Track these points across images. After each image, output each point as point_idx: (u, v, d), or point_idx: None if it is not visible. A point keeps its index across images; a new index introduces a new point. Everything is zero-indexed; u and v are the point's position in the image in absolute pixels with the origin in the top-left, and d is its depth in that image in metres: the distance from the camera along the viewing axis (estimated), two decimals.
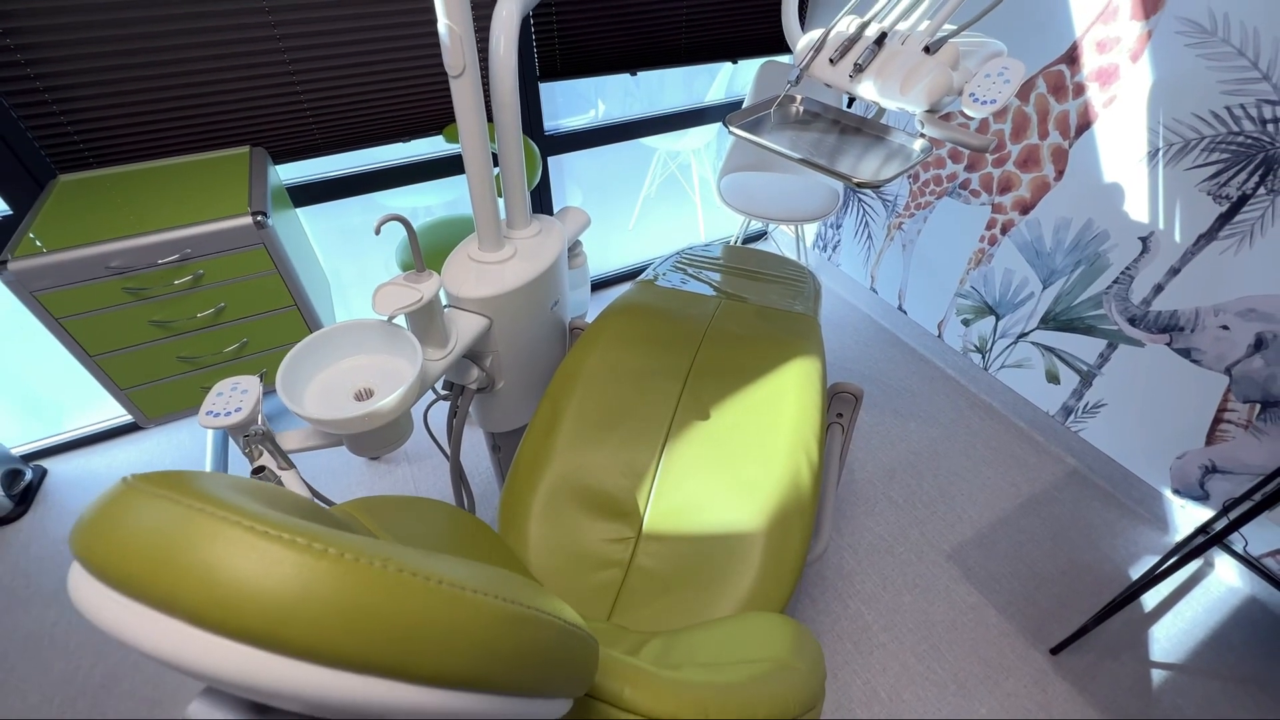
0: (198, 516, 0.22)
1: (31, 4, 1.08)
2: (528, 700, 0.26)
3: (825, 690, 0.50)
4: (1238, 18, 1.07)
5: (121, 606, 0.22)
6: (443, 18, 0.76)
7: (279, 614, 0.21)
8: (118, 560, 0.22)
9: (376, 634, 0.22)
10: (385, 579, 0.22)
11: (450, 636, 0.23)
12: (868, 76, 0.92)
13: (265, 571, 0.21)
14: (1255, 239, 1.15)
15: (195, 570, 0.21)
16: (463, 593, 0.24)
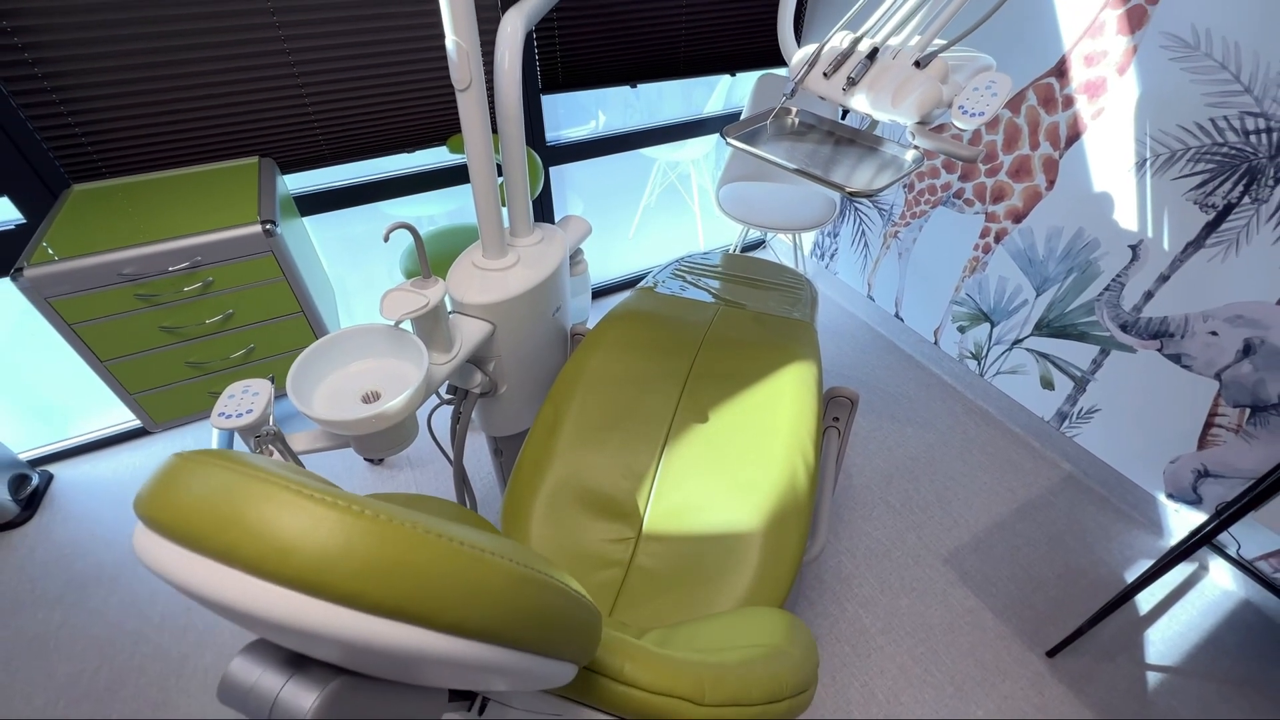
0: (251, 481, 0.25)
1: (49, 19, 1.12)
2: (536, 659, 0.28)
3: (818, 677, 0.51)
4: (1219, 33, 1.11)
5: (186, 559, 0.24)
6: (450, 34, 0.79)
7: (323, 565, 0.23)
8: (182, 519, 0.24)
9: (407, 585, 0.24)
10: (415, 538, 0.25)
11: (471, 592, 0.26)
12: (860, 90, 0.95)
13: (311, 528, 0.23)
14: (1241, 247, 1.18)
15: (251, 526, 0.23)
16: (483, 554, 0.27)
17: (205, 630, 1.31)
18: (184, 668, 1.25)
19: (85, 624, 1.32)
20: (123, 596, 1.37)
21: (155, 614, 1.34)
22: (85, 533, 1.50)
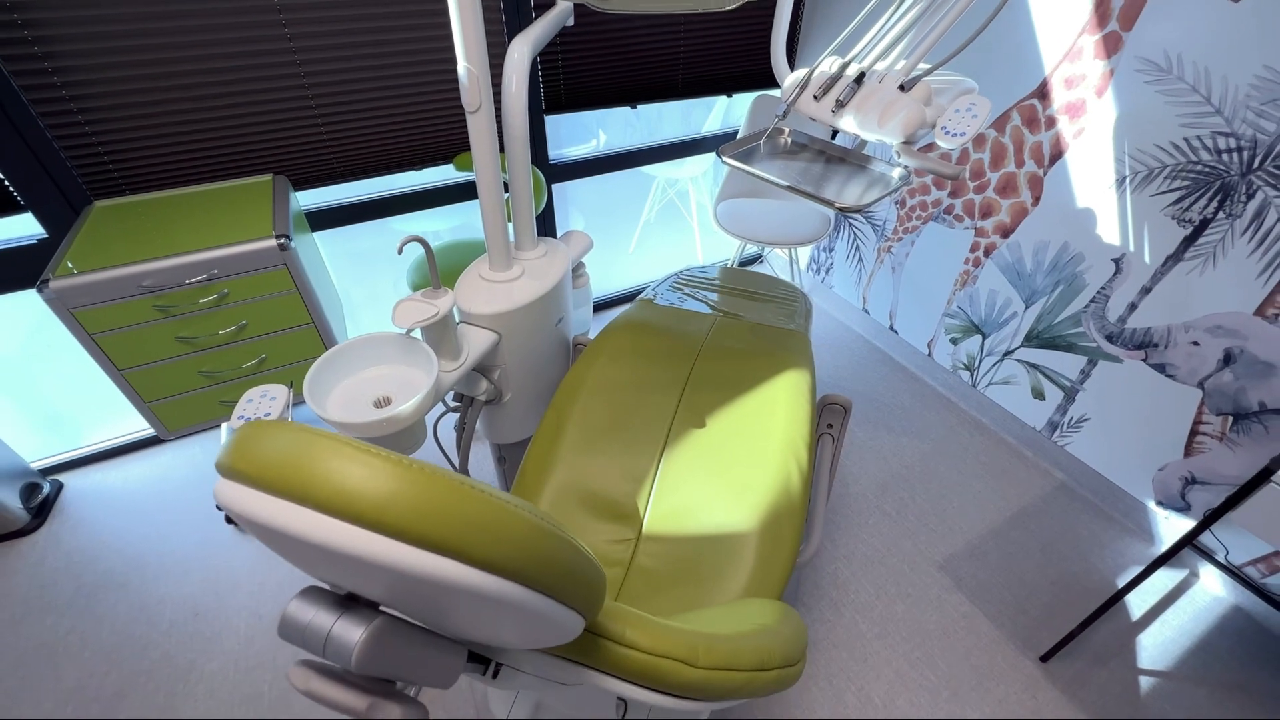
0: (317, 439, 0.29)
1: (77, 44, 1.18)
2: (549, 601, 0.32)
3: (806, 656, 0.54)
4: (1190, 58, 1.17)
5: (266, 501, 0.29)
6: (462, 61, 0.84)
7: (380, 506, 0.27)
8: (264, 470, 0.29)
9: (446, 526, 0.28)
10: (453, 489, 0.29)
11: (497, 536, 0.30)
12: (849, 111, 1.01)
13: (370, 476, 0.28)
14: (1218, 260, 1.23)
15: (321, 475, 0.28)
16: (507, 505, 0.31)
17: (212, 637, 1.33)
18: (191, 674, 1.26)
19: (93, 630, 1.34)
20: (131, 604, 1.39)
21: (163, 621, 1.36)
22: (95, 541, 1.52)
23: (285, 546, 0.31)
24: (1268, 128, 1.10)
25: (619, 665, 0.42)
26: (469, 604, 0.31)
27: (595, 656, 0.42)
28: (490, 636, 0.38)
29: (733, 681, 0.44)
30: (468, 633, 0.36)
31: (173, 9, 1.21)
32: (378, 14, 1.38)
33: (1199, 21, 1.14)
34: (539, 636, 0.36)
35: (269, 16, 1.29)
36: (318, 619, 0.33)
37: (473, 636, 0.38)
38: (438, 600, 0.31)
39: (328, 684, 0.33)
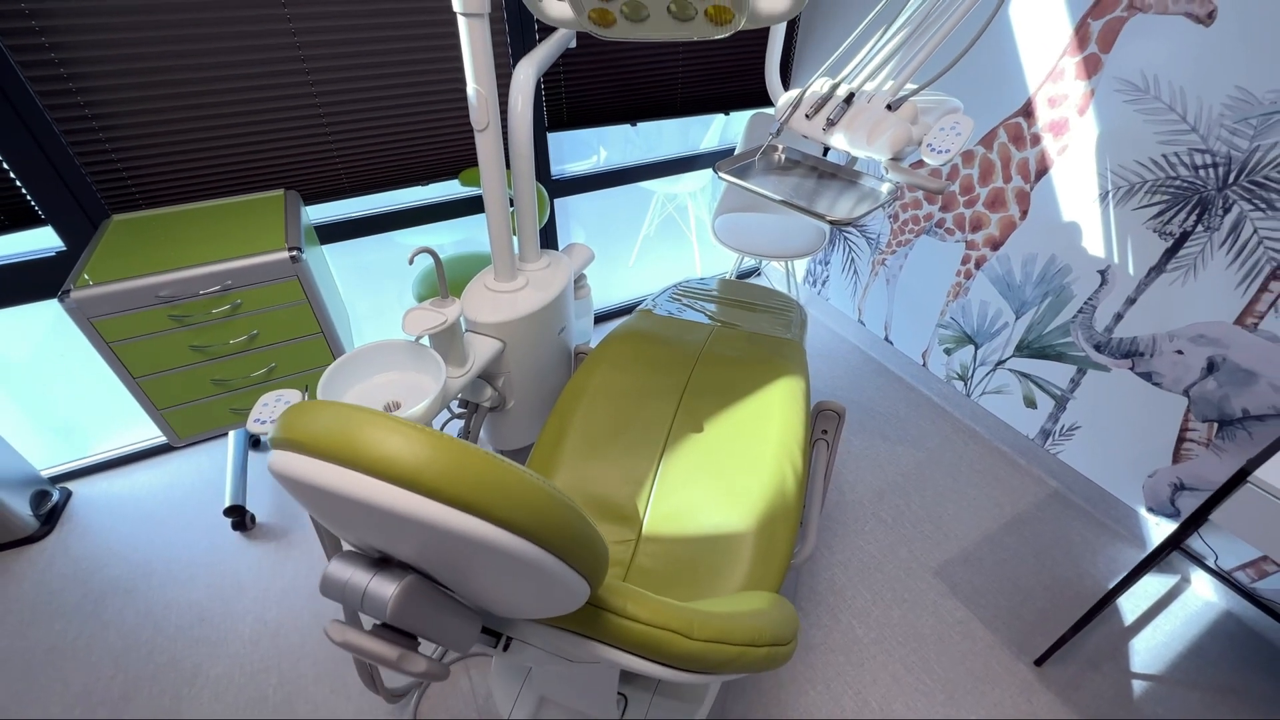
0: (360, 413, 0.33)
1: (102, 66, 1.23)
2: (558, 561, 0.36)
3: (798, 641, 0.57)
4: (1165, 79, 1.22)
5: (320, 466, 0.32)
6: (472, 83, 0.89)
7: (417, 469, 0.31)
8: (315, 440, 0.32)
9: (472, 487, 0.32)
10: (480, 457, 0.33)
11: (516, 499, 0.33)
12: (839, 129, 1.05)
13: (408, 445, 0.31)
14: (1199, 271, 1.27)
15: (366, 443, 0.31)
16: (525, 475, 0.34)
17: (217, 642, 1.35)
18: (196, 677, 1.28)
19: (100, 635, 1.36)
20: (138, 609, 1.41)
21: (169, 625, 1.38)
22: (102, 548, 1.55)
23: (332, 506, 0.34)
24: (1241, 145, 1.15)
25: (620, 636, 0.45)
26: (489, 561, 0.35)
27: (598, 628, 0.45)
28: (505, 599, 0.41)
29: (726, 654, 0.47)
30: (485, 594, 0.39)
31: (192, 32, 1.27)
32: (388, 36, 1.44)
33: (1173, 44, 1.19)
34: (549, 600, 0.39)
35: (284, 39, 1.35)
36: (356, 577, 0.36)
37: (489, 599, 0.41)
38: (461, 557, 0.35)
39: (363, 637, 0.37)
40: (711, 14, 0.68)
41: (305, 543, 1.56)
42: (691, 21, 0.70)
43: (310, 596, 1.44)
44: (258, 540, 1.57)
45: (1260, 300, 1.19)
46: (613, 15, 0.74)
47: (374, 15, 1.40)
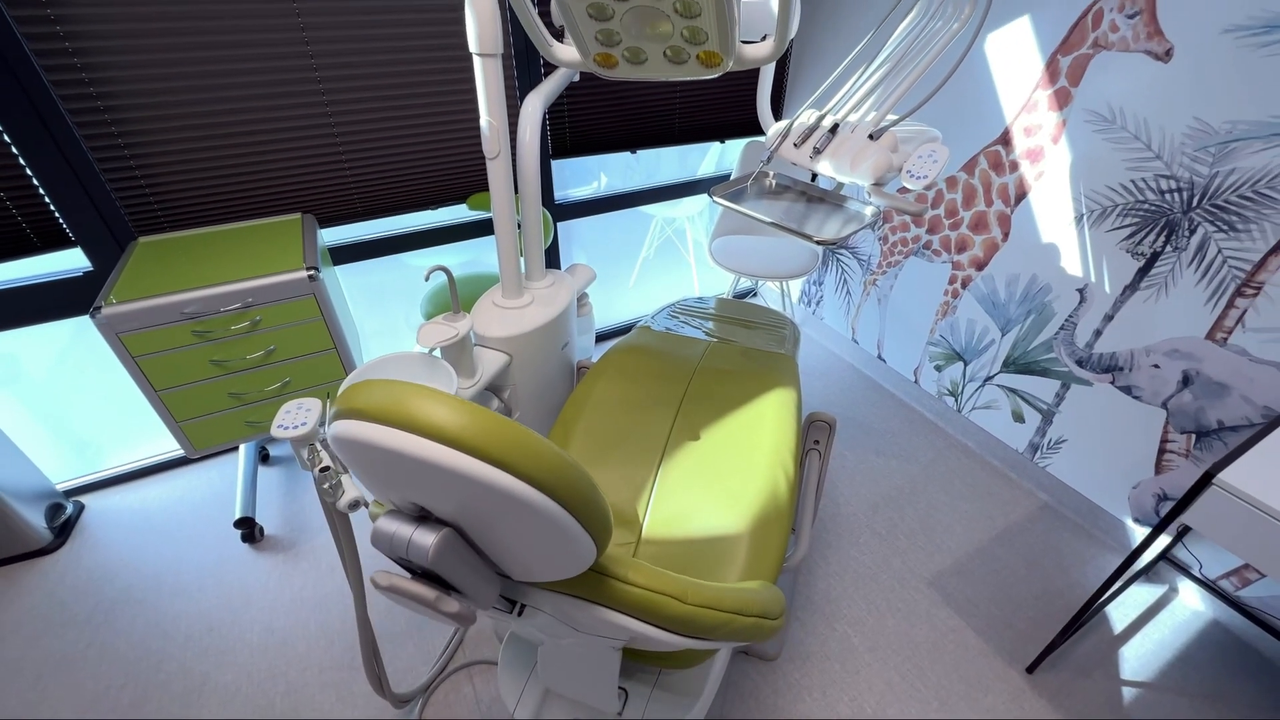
0: (410, 388, 0.39)
1: (136, 100, 1.32)
2: (569, 517, 0.41)
3: (785, 621, 0.61)
4: (1130, 110, 1.31)
5: (376, 428, 0.38)
6: (485, 115, 0.97)
7: (459, 431, 0.37)
8: (376, 407, 0.39)
9: (503, 448, 0.38)
10: (509, 425, 0.39)
11: (538, 460, 0.39)
12: (825, 157, 1.13)
13: (451, 413, 0.38)
14: (1170, 289, 1.34)
15: (418, 410, 0.37)
16: (545, 441, 0.40)
17: (226, 650, 1.37)
18: (205, 685, 1.31)
19: (111, 644, 1.38)
20: (148, 619, 1.44)
21: (179, 634, 1.41)
22: (114, 559, 1.58)
23: (386, 464, 0.40)
24: (1202, 171, 1.23)
25: (621, 600, 0.50)
26: (512, 513, 0.40)
27: (602, 593, 0.50)
28: (523, 556, 0.46)
29: (715, 619, 0.51)
30: (507, 551, 0.45)
31: (217, 67, 1.36)
32: (401, 71, 1.54)
33: (1135, 79, 1.28)
34: (560, 558, 0.44)
35: (305, 73, 1.44)
36: (401, 529, 0.42)
37: (510, 557, 0.46)
38: (491, 509, 0.40)
39: (406, 581, 0.42)
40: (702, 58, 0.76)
41: (312, 555, 1.59)
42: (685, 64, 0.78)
43: (317, 607, 1.47)
44: (266, 552, 1.60)
45: (1228, 316, 1.26)
46: (615, 58, 0.82)
47: (389, 51, 1.50)
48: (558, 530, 0.41)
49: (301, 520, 1.69)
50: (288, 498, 1.76)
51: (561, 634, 0.56)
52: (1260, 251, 1.19)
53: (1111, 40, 1.30)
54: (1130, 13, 1.26)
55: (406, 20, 1.48)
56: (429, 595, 0.43)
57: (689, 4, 0.67)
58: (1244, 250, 1.21)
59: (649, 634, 0.50)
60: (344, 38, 1.44)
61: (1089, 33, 1.34)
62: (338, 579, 1.53)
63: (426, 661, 1.35)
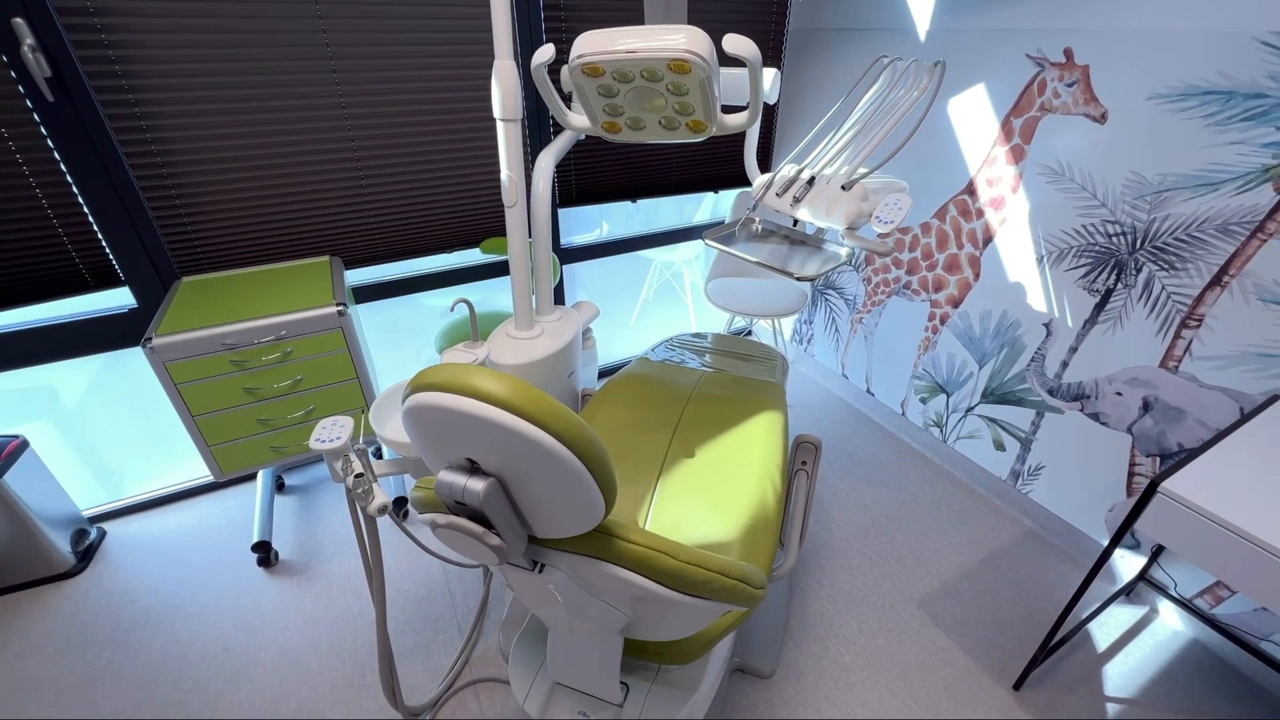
0: (471, 368, 0.49)
1: (188, 150, 1.48)
2: (585, 471, 0.51)
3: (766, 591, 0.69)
4: (1076, 165, 1.47)
5: (448, 396, 0.49)
6: (505, 170, 1.12)
7: (509, 398, 0.48)
8: (443, 381, 0.49)
9: (540, 411, 0.49)
10: (542, 396, 0.49)
11: (564, 422, 0.50)
12: (804, 205, 1.28)
13: (502, 385, 0.48)
14: (1124, 322, 1.46)
15: (479, 383, 0.48)
16: (568, 410, 0.51)
17: (240, 669, 1.42)
18: (220, 701, 1.35)
19: (130, 663, 1.43)
20: (165, 639, 1.49)
21: (195, 654, 1.46)
22: (134, 583, 1.64)
23: (449, 425, 0.50)
24: (1141, 217, 1.37)
25: (623, 555, 0.59)
26: (543, 462, 0.50)
27: (609, 551, 0.59)
28: (547, 507, 0.56)
29: (701, 576, 0.60)
30: (534, 500, 0.54)
31: (264, 127, 1.53)
32: (425, 130, 1.71)
33: (1078, 138, 1.45)
34: (578, 509, 0.54)
35: (339, 131, 1.61)
36: (458, 479, 0.52)
37: (538, 504, 0.55)
38: (527, 461, 0.51)
39: (461, 520, 0.52)
40: (691, 125, 0.91)
41: (324, 578, 1.66)
42: (677, 130, 0.93)
43: (328, 628, 1.52)
44: (280, 576, 1.67)
45: (1176, 345, 1.38)
46: (619, 125, 0.96)
47: (414, 112, 1.68)
48: (576, 481, 0.51)
49: (314, 546, 1.76)
50: (301, 524, 1.84)
51: (574, 599, 0.65)
52: (1198, 287, 1.32)
53: (1055, 105, 1.47)
54: (1069, 82, 1.44)
55: (430, 87, 1.67)
56: (478, 530, 0.53)
57: (678, 86, 0.82)
58: (1184, 286, 1.34)
59: (647, 587, 0.59)
60: (375, 100, 1.62)
61: (1036, 98, 1.51)
62: (348, 601, 1.59)
63: (434, 679, 1.39)
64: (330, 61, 1.53)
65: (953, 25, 1.66)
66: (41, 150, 1.35)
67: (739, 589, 0.63)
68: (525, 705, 0.90)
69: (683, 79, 0.81)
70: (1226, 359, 1.30)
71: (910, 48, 1.78)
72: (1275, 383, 1.24)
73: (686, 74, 0.80)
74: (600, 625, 0.71)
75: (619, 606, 0.67)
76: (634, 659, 0.93)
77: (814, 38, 2.11)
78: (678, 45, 0.77)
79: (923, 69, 1.31)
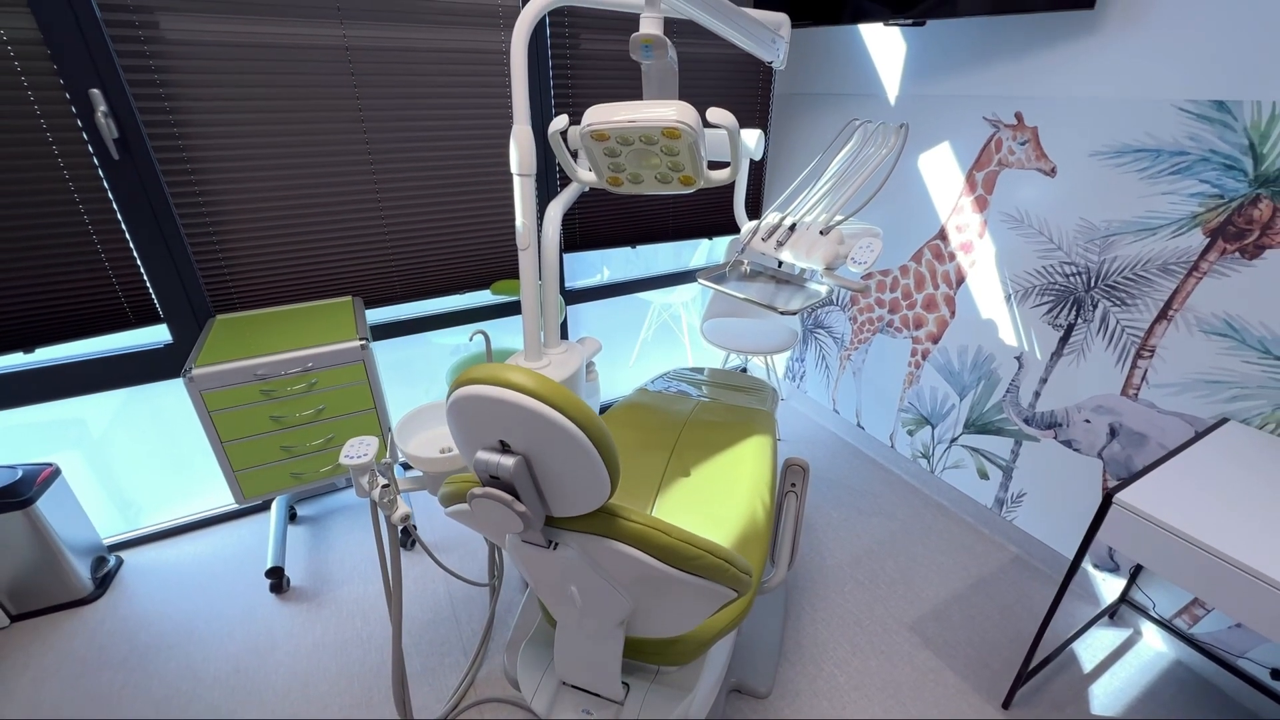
0: (503, 366, 0.60)
1: (229, 199, 1.64)
2: (594, 450, 0.61)
3: (751, 581, 0.77)
4: (1033, 213, 1.62)
5: (486, 388, 0.59)
6: (520, 218, 1.26)
7: (536, 388, 0.58)
8: (483, 376, 0.60)
9: (560, 400, 0.59)
10: (561, 388, 0.60)
11: (579, 409, 0.60)
12: (786, 248, 1.42)
13: (530, 378, 0.58)
14: (1086, 353, 1.58)
15: (512, 376, 0.58)
16: (582, 401, 0.61)
17: (252, 690, 1.46)
18: None
19: (145, 684, 1.48)
20: (180, 662, 1.54)
21: (207, 676, 1.50)
22: (149, 609, 1.70)
23: (487, 411, 0.60)
24: (1093, 258, 1.52)
25: (624, 532, 0.68)
26: (561, 442, 0.60)
27: (613, 529, 0.68)
28: (561, 484, 0.65)
29: (690, 552, 0.69)
30: (554, 475, 0.64)
31: (298, 181, 1.69)
32: (442, 185, 1.89)
33: (1033, 190, 1.61)
34: (588, 486, 0.64)
35: (367, 186, 1.78)
36: (492, 457, 0.62)
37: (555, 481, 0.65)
38: (549, 441, 0.61)
39: (494, 490, 0.62)
40: (682, 180, 1.05)
41: (334, 604, 1.71)
42: (670, 184, 1.07)
43: (336, 652, 1.57)
44: (291, 602, 1.72)
45: (1134, 374, 1.49)
46: (621, 180, 1.11)
47: (435, 167, 1.85)
48: (587, 459, 0.61)
49: (324, 573, 1.82)
50: (312, 553, 1.90)
51: (583, 580, 0.73)
52: (1147, 321, 1.44)
53: (1011, 160, 1.65)
54: (1021, 141, 1.61)
55: (446, 144, 1.85)
56: (509, 497, 0.63)
57: (671, 148, 0.97)
58: (1136, 320, 1.47)
59: (644, 561, 0.68)
60: (397, 156, 1.79)
61: (994, 155, 1.69)
62: (356, 626, 1.64)
63: (440, 700, 1.44)
64: (361, 124, 1.71)
65: (918, 91, 1.86)
66: (102, 201, 1.50)
67: (724, 567, 0.72)
68: (533, 704, 0.97)
69: (674, 143, 0.96)
70: (1179, 386, 1.42)
71: (881, 111, 1.98)
72: (1223, 406, 1.35)
73: (677, 139, 0.95)
74: (604, 612, 0.80)
75: (621, 590, 0.75)
76: (634, 660, 1.00)
77: (796, 101, 2.32)
78: (670, 116, 0.92)
79: (890, 130, 1.48)
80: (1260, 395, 1.29)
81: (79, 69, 1.38)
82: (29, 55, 1.34)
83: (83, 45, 1.37)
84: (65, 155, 1.43)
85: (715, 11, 1.09)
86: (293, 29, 1.55)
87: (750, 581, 0.77)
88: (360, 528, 2.00)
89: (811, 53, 2.20)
